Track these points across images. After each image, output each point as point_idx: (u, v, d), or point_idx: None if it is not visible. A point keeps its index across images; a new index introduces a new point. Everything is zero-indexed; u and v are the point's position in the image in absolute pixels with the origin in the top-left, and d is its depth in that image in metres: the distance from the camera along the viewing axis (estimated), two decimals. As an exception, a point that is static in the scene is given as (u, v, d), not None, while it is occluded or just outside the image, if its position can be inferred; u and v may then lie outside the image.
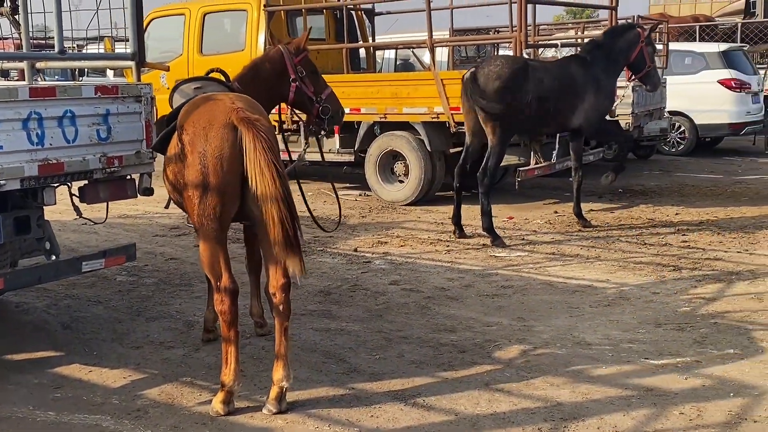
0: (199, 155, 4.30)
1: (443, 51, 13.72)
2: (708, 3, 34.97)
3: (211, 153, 4.26)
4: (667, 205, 10.19)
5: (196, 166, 4.30)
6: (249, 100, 4.67)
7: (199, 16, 12.06)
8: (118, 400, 4.66)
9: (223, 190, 4.28)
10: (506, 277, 6.98)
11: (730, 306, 6.05)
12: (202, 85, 5.29)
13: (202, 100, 4.62)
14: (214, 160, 4.26)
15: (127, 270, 7.39)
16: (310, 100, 5.67)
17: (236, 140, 4.26)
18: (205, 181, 4.27)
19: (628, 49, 8.84)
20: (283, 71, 5.59)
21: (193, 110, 4.53)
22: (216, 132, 4.28)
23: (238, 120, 4.24)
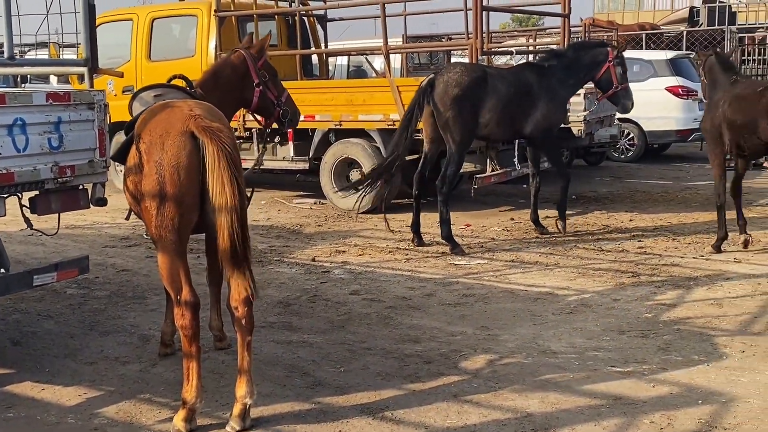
0: (155, 165, 4.14)
1: (396, 58, 13.67)
2: (651, 11, 35.62)
3: (167, 162, 4.11)
4: (621, 211, 10.27)
5: (153, 175, 4.14)
6: (208, 107, 4.53)
7: (147, 22, 11.85)
8: (74, 419, 4.47)
9: (180, 201, 4.13)
10: (467, 285, 6.93)
11: (691, 312, 6.08)
12: (162, 93, 5.13)
13: (159, 108, 4.46)
14: (170, 169, 4.10)
15: (78, 283, 7.15)
16: (273, 105, 5.55)
17: (194, 149, 4.12)
18: (162, 192, 4.12)
19: (594, 66, 8.72)
20: (246, 76, 5.46)
21: (150, 118, 4.38)
22: (173, 140, 4.13)
23: (199, 129, 4.09)
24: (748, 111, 7.47)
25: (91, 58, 5.34)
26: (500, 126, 8.44)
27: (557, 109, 8.77)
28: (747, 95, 7.57)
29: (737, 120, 7.57)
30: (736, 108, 7.59)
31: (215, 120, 4.28)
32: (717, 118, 7.76)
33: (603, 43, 9.31)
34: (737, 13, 22.74)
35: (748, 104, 7.48)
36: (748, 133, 7.52)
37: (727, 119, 7.64)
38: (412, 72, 13.08)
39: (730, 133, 7.66)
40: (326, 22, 12.98)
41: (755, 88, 7.61)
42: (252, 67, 5.44)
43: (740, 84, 7.83)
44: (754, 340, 5.42)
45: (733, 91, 7.73)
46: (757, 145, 7.63)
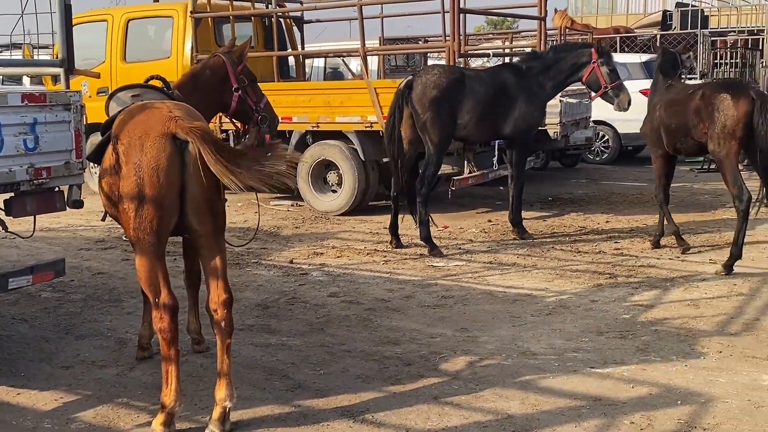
0: (134, 166, 4.08)
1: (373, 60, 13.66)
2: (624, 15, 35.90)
3: (147, 164, 4.06)
4: (597, 212, 10.33)
5: (132, 177, 4.09)
6: (187, 109, 4.49)
7: (122, 23, 11.76)
8: (50, 424, 4.42)
9: (159, 203, 4.08)
10: (446, 287, 6.93)
11: (668, 313, 6.12)
12: (140, 93, 5.08)
13: (138, 109, 4.41)
14: (150, 171, 4.05)
15: (53, 286, 7.07)
16: (251, 110, 5.52)
17: (175, 151, 4.07)
18: (141, 194, 4.06)
19: (578, 67, 8.67)
20: (225, 80, 5.43)
21: (128, 119, 4.32)
22: (152, 142, 4.08)
23: (185, 130, 4.04)
24: (681, 115, 7.68)
25: (67, 58, 5.28)
26: (479, 127, 8.45)
27: (536, 110, 8.76)
28: (679, 99, 7.76)
29: (672, 124, 7.79)
30: (671, 112, 7.82)
31: (194, 121, 4.24)
32: (655, 122, 8.01)
33: (586, 44, 9.29)
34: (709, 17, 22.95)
35: (681, 108, 7.69)
36: (683, 135, 7.73)
37: (663, 123, 7.88)
38: (389, 74, 13.07)
39: (667, 136, 7.89)
40: (303, 24, 12.96)
41: (687, 92, 7.76)
42: (231, 72, 5.41)
43: (674, 88, 8.02)
44: (731, 341, 5.46)
45: (667, 96, 7.97)
46: (692, 146, 7.83)
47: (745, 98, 7.16)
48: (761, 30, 20.90)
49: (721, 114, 7.21)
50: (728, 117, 7.18)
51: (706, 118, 7.34)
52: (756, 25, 22.49)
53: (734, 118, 7.14)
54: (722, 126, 7.21)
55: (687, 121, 7.58)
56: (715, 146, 7.32)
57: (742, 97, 7.18)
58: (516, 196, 8.85)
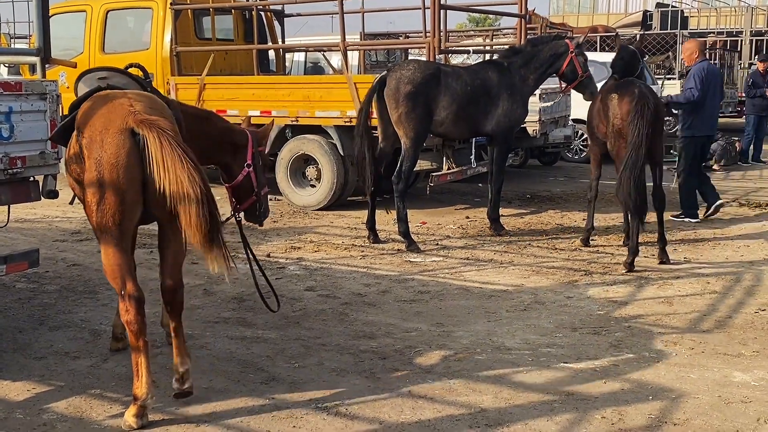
0: (95, 162, 4.07)
1: (354, 55, 13.66)
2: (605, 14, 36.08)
3: (106, 160, 4.04)
4: (574, 210, 10.38)
5: (93, 173, 4.08)
6: (149, 99, 4.45)
7: (101, 13, 11.68)
8: (22, 414, 4.39)
9: (121, 198, 4.07)
10: (423, 282, 6.95)
11: (642, 310, 6.17)
12: (107, 76, 5.02)
13: (101, 101, 4.35)
14: (110, 167, 4.04)
15: (27, 277, 7.03)
16: (251, 191, 5.42)
17: (134, 145, 4.06)
18: (102, 189, 4.06)
19: (555, 59, 8.71)
20: (240, 150, 5.32)
21: (90, 112, 4.28)
22: (112, 138, 4.06)
23: (137, 123, 4.03)
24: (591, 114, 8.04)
25: (43, 47, 5.24)
26: (457, 124, 8.46)
27: (519, 106, 8.77)
28: (598, 97, 8.01)
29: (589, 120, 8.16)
30: (589, 108, 8.20)
31: (155, 113, 4.21)
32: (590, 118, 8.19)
33: (559, 36, 9.36)
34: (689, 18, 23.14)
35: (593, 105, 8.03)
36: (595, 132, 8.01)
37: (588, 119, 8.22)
38: (370, 69, 13.07)
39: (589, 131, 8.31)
40: (283, 18, 12.92)
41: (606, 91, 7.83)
42: (251, 148, 5.32)
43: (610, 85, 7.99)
44: (703, 338, 5.51)
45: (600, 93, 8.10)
46: (602, 144, 7.98)
47: (629, 97, 7.32)
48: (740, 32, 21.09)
49: (611, 113, 7.47)
50: (614, 115, 7.43)
51: (604, 117, 7.60)
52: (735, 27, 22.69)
53: (619, 117, 7.38)
54: (612, 125, 7.48)
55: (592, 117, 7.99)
56: (610, 145, 7.63)
57: (626, 96, 7.35)
58: (495, 193, 8.89)
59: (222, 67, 11.67)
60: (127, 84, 5.01)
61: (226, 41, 12.13)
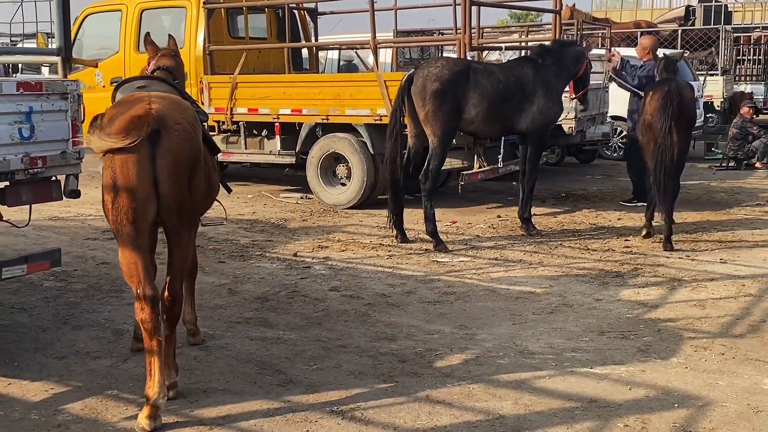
0: (109, 159, 4.08)
1: (387, 52, 13.57)
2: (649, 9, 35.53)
3: (119, 156, 4.04)
4: (610, 210, 10.19)
5: (107, 169, 4.11)
6: (172, 100, 4.44)
7: (136, 13, 11.73)
8: (37, 415, 4.38)
9: (133, 194, 4.06)
10: (449, 283, 6.84)
11: (673, 313, 6.00)
12: (146, 84, 5.05)
13: (124, 101, 4.39)
14: (121, 162, 4.04)
15: (56, 275, 7.07)
16: None
17: (145, 142, 4.04)
18: (115, 185, 4.06)
19: (577, 62, 8.73)
20: None
21: (111, 113, 4.30)
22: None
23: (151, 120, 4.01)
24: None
25: (64, 47, 5.24)
26: (489, 122, 8.34)
27: (555, 103, 8.67)
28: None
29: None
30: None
31: (174, 111, 4.19)
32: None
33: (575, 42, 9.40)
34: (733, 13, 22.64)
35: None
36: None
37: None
38: (403, 67, 12.96)
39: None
40: (317, 16, 12.89)
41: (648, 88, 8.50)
42: None
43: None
44: (735, 343, 5.34)
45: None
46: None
47: (659, 94, 7.97)
48: (786, 26, 20.58)
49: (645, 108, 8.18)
50: (646, 111, 8.13)
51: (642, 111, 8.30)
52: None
53: (649, 112, 8.06)
54: (643, 119, 8.22)
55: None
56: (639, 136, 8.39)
57: (657, 93, 8.03)
58: (527, 192, 8.76)
59: (255, 66, 11.66)
60: (167, 91, 4.99)
61: (259, 40, 12.12)
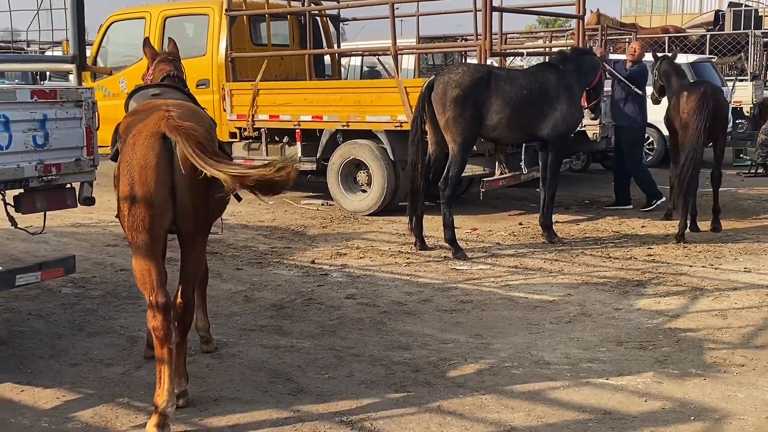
0: (126, 165, 4.08)
1: (410, 59, 13.55)
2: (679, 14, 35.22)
3: (137, 163, 4.04)
4: (634, 217, 10.05)
5: (125, 176, 4.10)
6: (188, 108, 4.44)
7: (159, 20, 11.80)
8: (47, 423, 4.39)
9: (149, 202, 4.05)
10: (466, 291, 6.78)
11: (694, 323, 5.89)
12: (160, 92, 5.06)
13: (141, 108, 4.40)
14: (139, 169, 4.03)
15: (74, 282, 7.10)
16: None
17: (164, 149, 4.03)
18: (132, 193, 4.05)
19: (593, 70, 8.78)
20: None
21: (129, 120, 4.33)
22: (143, 141, 4.05)
23: (170, 129, 4.00)
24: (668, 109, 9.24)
25: (79, 54, 5.26)
26: (512, 128, 8.27)
27: (577, 110, 8.62)
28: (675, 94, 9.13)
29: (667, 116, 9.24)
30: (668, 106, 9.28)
31: (191, 119, 4.18)
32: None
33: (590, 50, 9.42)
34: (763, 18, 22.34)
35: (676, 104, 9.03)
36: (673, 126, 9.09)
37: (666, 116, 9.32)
38: (425, 73, 12.93)
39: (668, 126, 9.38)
40: (339, 22, 12.89)
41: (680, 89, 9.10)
42: None
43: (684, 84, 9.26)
44: (756, 354, 5.22)
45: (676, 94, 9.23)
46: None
47: (695, 95, 8.57)
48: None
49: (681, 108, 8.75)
50: (683, 110, 8.70)
51: (676, 112, 8.88)
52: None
53: (686, 111, 8.62)
54: (680, 118, 8.74)
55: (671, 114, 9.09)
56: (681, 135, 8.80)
57: (693, 94, 8.65)
58: (548, 199, 8.67)
59: (278, 73, 11.68)
60: (180, 99, 5.00)
61: (281, 47, 12.14)
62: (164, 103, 4.47)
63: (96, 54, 12.37)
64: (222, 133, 11.08)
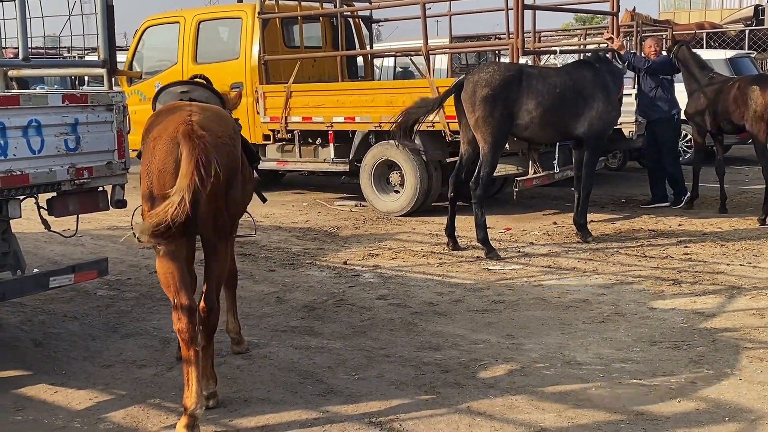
0: (146, 169, 4.12)
1: (443, 59, 13.50)
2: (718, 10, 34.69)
3: (155, 167, 4.06)
4: (670, 215, 9.91)
5: (144, 179, 4.13)
6: (211, 112, 4.43)
7: (194, 24, 11.89)
8: (80, 424, 4.43)
9: None
10: (498, 291, 6.73)
11: (730, 322, 5.79)
12: (189, 90, 5.08)
13: (165, 110, 4.42)
14: (158, 173, 4.05)
15: (109, 284, 7.18)
16: None
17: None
18: (152, 195, 4.07)
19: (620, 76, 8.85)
20: None
21: (152, 119, 4.35)
22: (162, 145, 4.07)
23: (182, 134, 4.00)
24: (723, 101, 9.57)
25: (109, 59, 5.31)
26: (545, 127, 8.20)
27: (614, 108, 8.53)
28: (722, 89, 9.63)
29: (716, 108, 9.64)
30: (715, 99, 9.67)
31: (212, 125, 4.18)
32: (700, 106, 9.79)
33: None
34: (805, 11, 21.88)
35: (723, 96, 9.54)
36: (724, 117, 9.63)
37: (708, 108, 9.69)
38: (459, 73, 12.86)
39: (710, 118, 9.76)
40: (372, 23, 12.88)
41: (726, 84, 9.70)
42: None
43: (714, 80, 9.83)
44: (794, 354, 5.11)
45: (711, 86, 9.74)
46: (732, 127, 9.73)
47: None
48: None
49: (752, 102, 9.16)
50: (757, 104, 9.11)
51: (742, 104, 9.26)
52: None
53: (762, 104, 9.08)
54: (753, 111, 9.16)
55: (728, 106, 9.44)
56: (750, 126, 9.26)
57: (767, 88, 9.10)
58: (584, 198, 8.58)
59: (311, 75, 11.71)
60: (208, 97, 5.03)
61: (314, 48, 12.18)
62: (188, 105, 4.48)
63: (132, 58, 12.51)
64: (255, 135, 11.16)
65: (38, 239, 8.53)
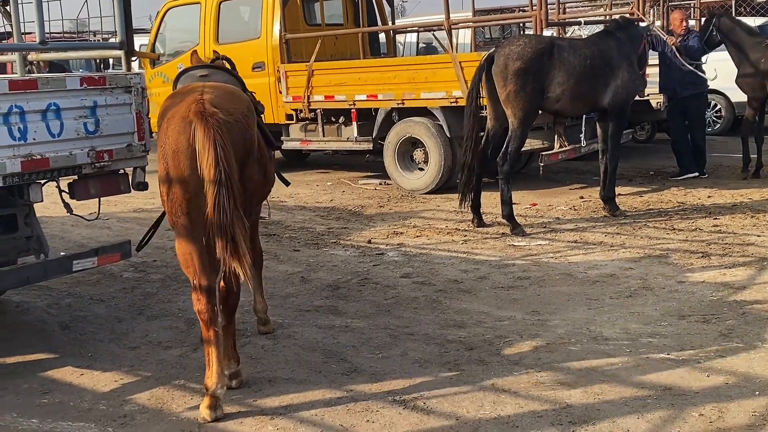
0: (161, 149, 4.11)
1: (466, 33, 13.34)
2: (747, -23, 33.97)
3: (169, 146, 4.04)
4: (700, 187, 9.75)
5: (161, 161, 4.13)
6: (225, 91, 4.39)
7: (214, 5, 11.85)
8: (105, 406, 4.46)
9: (185, 185, 4.04)
10: (524, 267, 6.66)
11: (760, 295, 5.68)
12: (208, 73, 5.05)
13: (179, 92, 4.40)
14: (172, 153, 4.04)
15: (135, 266, 7.22)
16: None
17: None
18: (169, 177, 4.06)
19: (639, 39, 8.56)
20: None
21: (168, 101, 4.33)
22: (175, 125, 4.05)
23: (193, 113, 3.97)
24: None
25: (126, 41, 5.29)
26: (575, 100, 8.06)
27: (637, 77, 8.42)
28: None
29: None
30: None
31: (223, 104, 4.14)
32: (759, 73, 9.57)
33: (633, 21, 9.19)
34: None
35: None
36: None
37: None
38: (482, 47, 12.69)
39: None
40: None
41: None
42: None
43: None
44: (826, 326, 5.01)
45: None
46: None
47: None
48: None
49: None
50: None
51: None
52: None
53: None
54: None
55: None
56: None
57: None
58: (610, 171, 8.46)
59: (332, 53, 11.65)
60: (227, 81, 4.99)
61: (335, 26, 12.09)
62: (202, 85, 4.44)
63: (154, 40, 12.51)
64: (278, 115, 11.13)
65: (65, 222, 8.59)
